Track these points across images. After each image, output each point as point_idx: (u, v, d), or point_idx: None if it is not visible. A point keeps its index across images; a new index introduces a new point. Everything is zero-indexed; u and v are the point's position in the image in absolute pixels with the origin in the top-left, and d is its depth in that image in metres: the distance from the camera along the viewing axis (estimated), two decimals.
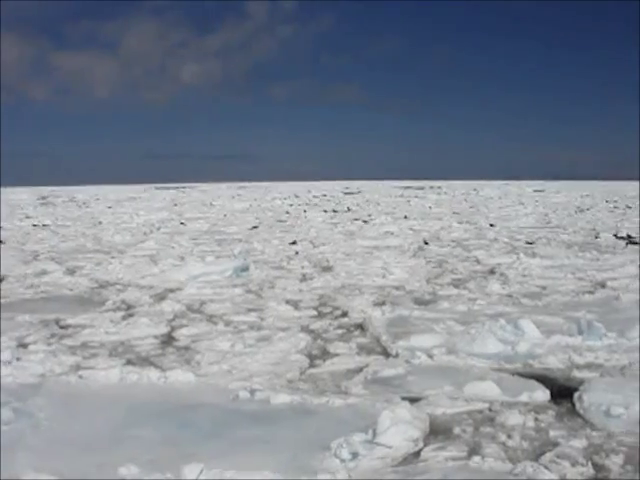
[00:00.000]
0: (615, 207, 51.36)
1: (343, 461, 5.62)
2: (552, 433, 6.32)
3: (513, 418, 6.62)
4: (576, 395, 7.32)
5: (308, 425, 6.47)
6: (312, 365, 8.61)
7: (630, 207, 51.79)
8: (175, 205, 60.01)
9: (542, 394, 7.37)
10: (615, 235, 25.07)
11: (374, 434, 6.00)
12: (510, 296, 13.05)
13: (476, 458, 5.74)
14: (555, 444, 6.06)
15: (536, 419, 6.67)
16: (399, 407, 6.63)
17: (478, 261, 18.11)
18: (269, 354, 8.98)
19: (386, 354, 9.12)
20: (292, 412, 6.83)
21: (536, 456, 5.77)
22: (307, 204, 60.10)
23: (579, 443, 6.07)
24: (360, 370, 8.34)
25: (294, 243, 22.98)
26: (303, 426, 6.44)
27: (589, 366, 8.46)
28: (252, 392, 7.31)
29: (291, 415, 6.74)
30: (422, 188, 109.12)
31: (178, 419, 6.59)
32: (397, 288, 14.10)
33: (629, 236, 24.43)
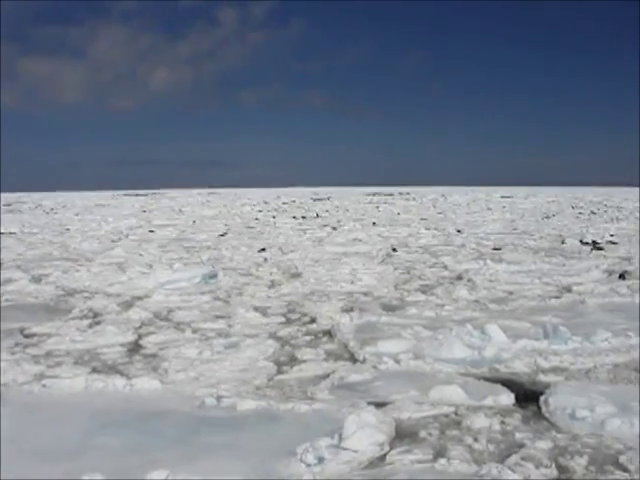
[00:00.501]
0: (580, 213, 52.07)
1: (309, 466, 5.64)
2: (518, 435, 6.40)
3: (479, 421, 6.69)
4: (542, 398, 7.42)
5: (274, 431, 6.49)
6: (280, 371, 8.63)
7: (595, 213, 52.56)
8: (144, 212, 59.61)
9: (507, 398, 7.45)
10: (581, 241, 25.37)
11: (340, 439, 6.04)
12: (477, 301, 13.16)
13: (442, 460, 5.82)
14: (520, 446, 6.14)
15: (502, 422, 6.73)
16: (365, 412, 6.68)
17: (446, 267, 18.22)
18: (237, 361, 8.98)
19: (353, 360, 9.16)
20: (258, 418, 6.84)
21: (502, 458, 5.84)
22: (276, 210, 60.13)
23: (544, 445, 6.15)
24: (327, 376, 8.36)
25: (263, 250, 22.96)
26: (269, 432, 6.47)
27: (554, 370, 8.59)
28: (218, 399, 7.31)
29: (257, 421, 6.76)
30: (391, 194, 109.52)
31: (143, 427, 6.57)
32: (365, 294, 14.16)
33: (594, 242, 24.74)
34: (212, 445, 6.12)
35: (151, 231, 34.43)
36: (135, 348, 9.96)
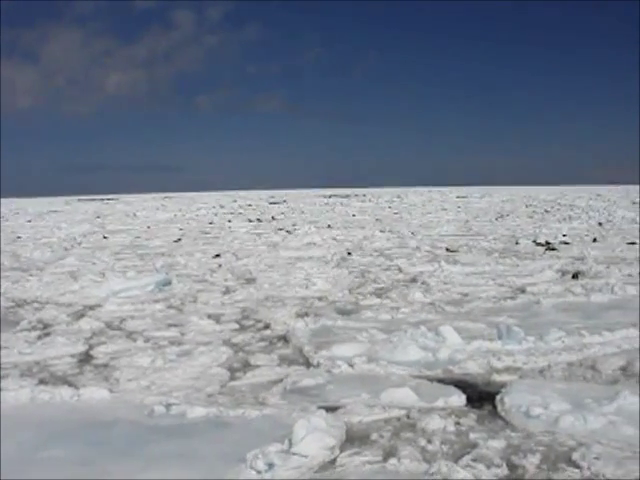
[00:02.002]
0: (534, 212, 52.79)
1: (259, 472, 5.64)
2: (472, 436, 6.47)
3: (433, 423, 6.75)
4: (498, 397, 7.52)
5: (224, 438, 6.48)
6: (232, 378, 8.62)
7: (548, 211, 53.42)
8: (98, 217, 58.89)
9: (458, 399, 7.54)
10: (534, 241, 25.69)
11: (290, 444, 6.05)
12: (432, 304, 13.24)
13: (392, 460, 5.88)
14: (474, 446, 6.21)
15: (457, 423, 6.81)
16: (315, 416, 6.68)
17: (400, 270, 18.30)
18: (189, 369, 8.96)
19: (307, 364, 9.19)
20: (208, 425, 6.83)
21: (455, 459, 5.91)
22: (232, 214, 59.90)
23: (498, 444, 6.23)
24: (280, 381, 8.38)
25: (217, 256, 22.88)
26: (219, 439, 6.45)
27: (508, 370, 8.71)
28: (168, 407, 7.27)
29: (207, 428, 6.74)
30: (347, 196, 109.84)
31: (91, 437, 6.49)
32: (320, 299, 14.18)
33: (547, 242, 25.05)
34: (161, 454, 6.08)
35: (105, 237, 34.11)
36: (85, 358, 9.83)
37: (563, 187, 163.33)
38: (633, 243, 23.94)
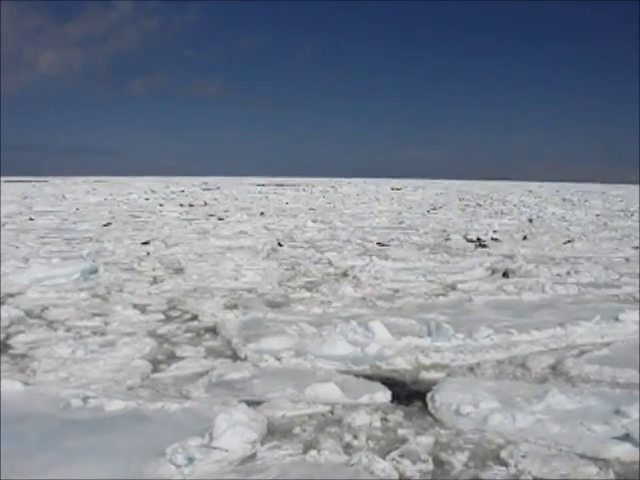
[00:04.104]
0: (467, 205, 53.60)
1: (179, 467, 5.58)
2: (400, 432, 6.51)
3: (359, 419, 6.75)
4: (428, 395, 7.56)
5: (143, 431, 6.37)
6: (155, 370, 8.48)
7: (481, 205, 54.31)
8: (25, 198, 57.51)
9: (383, 395, 7.56)
10: (465, 237, 25.92)
11: (211, 438, 6.01)
12: (364, 299, 13.22)
13: (312, 452, 5.91)
14: (401, 442, 6.25)
15: (383, 419, 6.83)
16: (236, 410, 6.67)
17: (331, 263, 18.26)
18: (111, 360, 8.76)
19: (235, 357, 9.10)
20: (127, 419, 6.69)
21: (382, 454, 5.92)
22: (164, 199, 59.24)
23: (426, 441, 6.27)
24: (205, 373, 8.29)
25: (147, 243, 22.50)
26: (138, 433, 6.34)
27: (435, 367, 8.77)
28: (85, 400, 7.08)
29: (126, 422, 6.61)
30: (281, 185, 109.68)
31: (3, 432, 6.24)
32: (249, 291, 14.06)
33: (478, 239, 25.23)
34: (77, 449, 5.93)
35: (31, 219, 33.20)
36: (2, 348, 9.47)
37: (496, 182, 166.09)
38: (569, 242, 24.36)
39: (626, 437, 6.22)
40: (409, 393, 7.77)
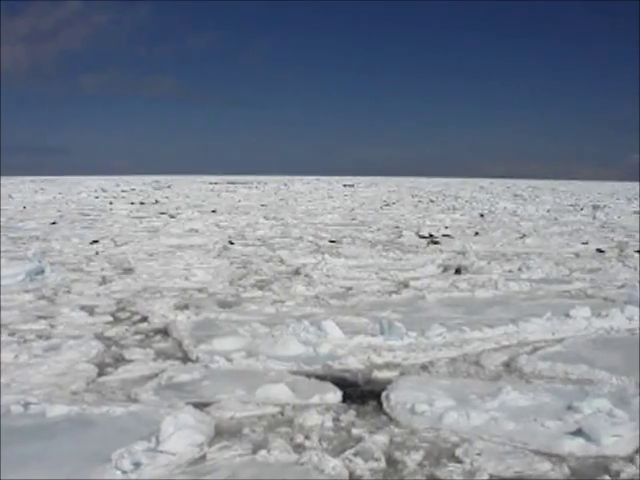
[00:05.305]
0: (419, 202, 54.03)
1: (125, 472, 5.45)
2: (354, 431, 6.45)
3: (310, 419, 6.68)
4: (383, 394, 7.50)
5: (87, 437, 6.19)
6: (102, 373, 8.24)
7: (433, 201, 54.83)
8: None
9: (334, 396, 7.47)
10: (417, 233, 25.95)
11: (157, 442, 5.88)
12: (317, 297, 13.10)
13: (262, 452, 5.84)
14: (355, 442, 6.18)
15: (335, 419, 6.75)
16: (183, 412, 6.53)
17: (283, 261, 18.11)
18: (55, 364, 8.47)
19: (186, 359, 8.92)
20: (70, 424, 6.48)
21: (334, 454, 5.86)
22: (114, 197, 58.57)
23: (379, 440, 6.21)
24: (155, 376, 8.10)
25: (96, 242, 22.10)
26: (82, 438, 6.15)
27: (387, 365, 8.70)
28: (26, 406, 6.84)
29: (69, 427, 6.40)
30: (234, 183, 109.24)
31: None
32: (200, 290, 13.85)
33: (431, 235, 25.31)
34: (18, 456, 5.71)
35: None
36: None
37: (448, 179, 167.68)
38: (524, 236, 24.57)
39: (579, 432, 6.26)
40: (361, 393, 7.70)
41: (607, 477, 5.59)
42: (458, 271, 16.35)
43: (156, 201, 51.02)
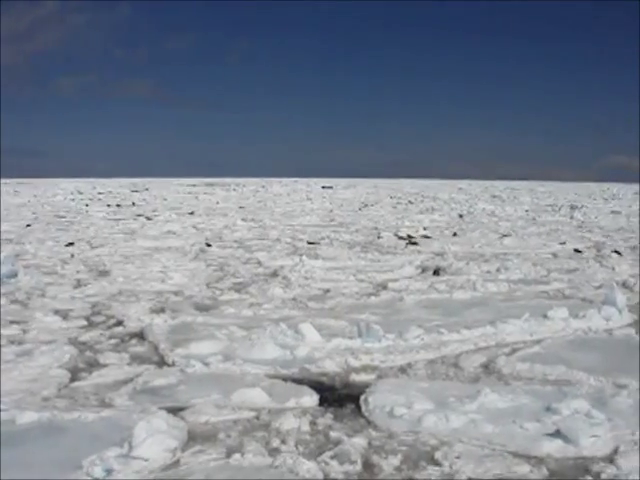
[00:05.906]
0: (398, 203, 54.06)
1: (97, 479, 5.37)
2: (332, 435, 6.38)
3: (287, 423, 6.60)
4: (362, 397, 7.44)
5: (58, 443, 6.08)
6: (75, 379, 8.10)
7: (412, 202, 54.91)
8: None
9: (310, 399, 7.40)
10: (396, 235, 25.86)
11: (130, 447, 5.78)
12: (295, 300, 12.98)
13: (236, 456, 5.78)
14: (332, 445, 6.12)
15: (312, 423, 6.68)
16: (156, 417, 6.44)
17: (260, 263, 17.95)
18: (26, 370, 8.29)
19: (162, 363, 8.80)
20: (41, 431, 6.36)
21: (311, 457, 5.80)
22: (90, 199, 58.14)
23: (357, 443, 6.15)
24: (130, 381, 7.98)
25: (71, 244, 21.84)
26: (53, 445, 6.04)
27: (365, 368, 8.63)
28: None
29: (40, 434, 6.28)
30: (212, 185, 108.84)
31: None
32: (176, 293, 13.68)
33: (409, 236, 25.19)
34: None
35: None
36: None
37: (427, 180, 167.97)
38: (505, 236, 24.59)
39: (557, 434, 6.24)
40: (339, 396, 7.62)
41: (588, 478, 5.58)
42: (436, 272, 16.28)
43: (133, 203, 50.71)
